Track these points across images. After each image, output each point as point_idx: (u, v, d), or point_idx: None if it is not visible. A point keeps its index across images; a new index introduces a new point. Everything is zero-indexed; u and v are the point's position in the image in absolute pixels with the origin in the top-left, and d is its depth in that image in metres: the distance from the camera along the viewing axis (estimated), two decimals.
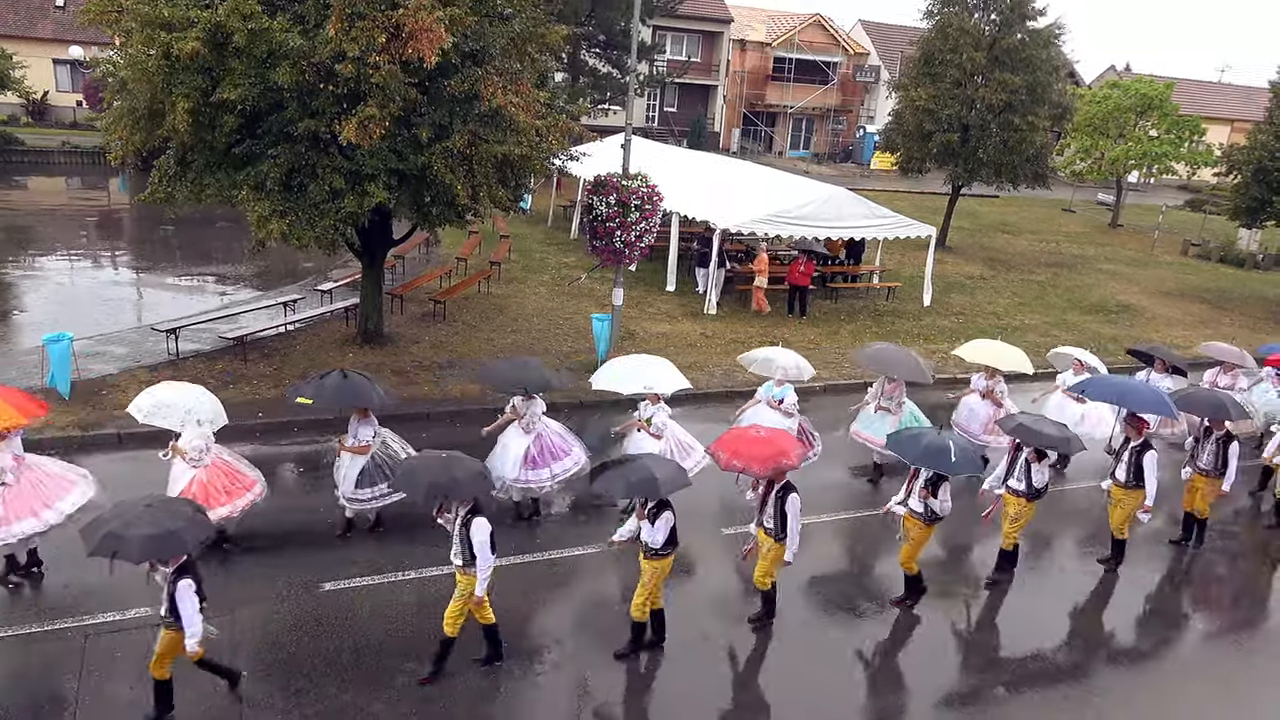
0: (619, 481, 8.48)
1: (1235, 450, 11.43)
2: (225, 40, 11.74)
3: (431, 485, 8.01)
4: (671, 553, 8.66)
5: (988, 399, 13.33)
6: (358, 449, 10.32)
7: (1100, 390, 11.86)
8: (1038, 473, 10.13)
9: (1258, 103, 43.28)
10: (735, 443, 9.27)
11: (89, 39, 35.22)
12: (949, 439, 9.58)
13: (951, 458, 9.25)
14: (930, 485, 9.47)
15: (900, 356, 13.04)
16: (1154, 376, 14.05)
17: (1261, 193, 25.71)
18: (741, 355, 13.76)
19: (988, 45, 28.26)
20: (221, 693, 7.95)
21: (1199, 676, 9.73)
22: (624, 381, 11.41)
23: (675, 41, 51.35)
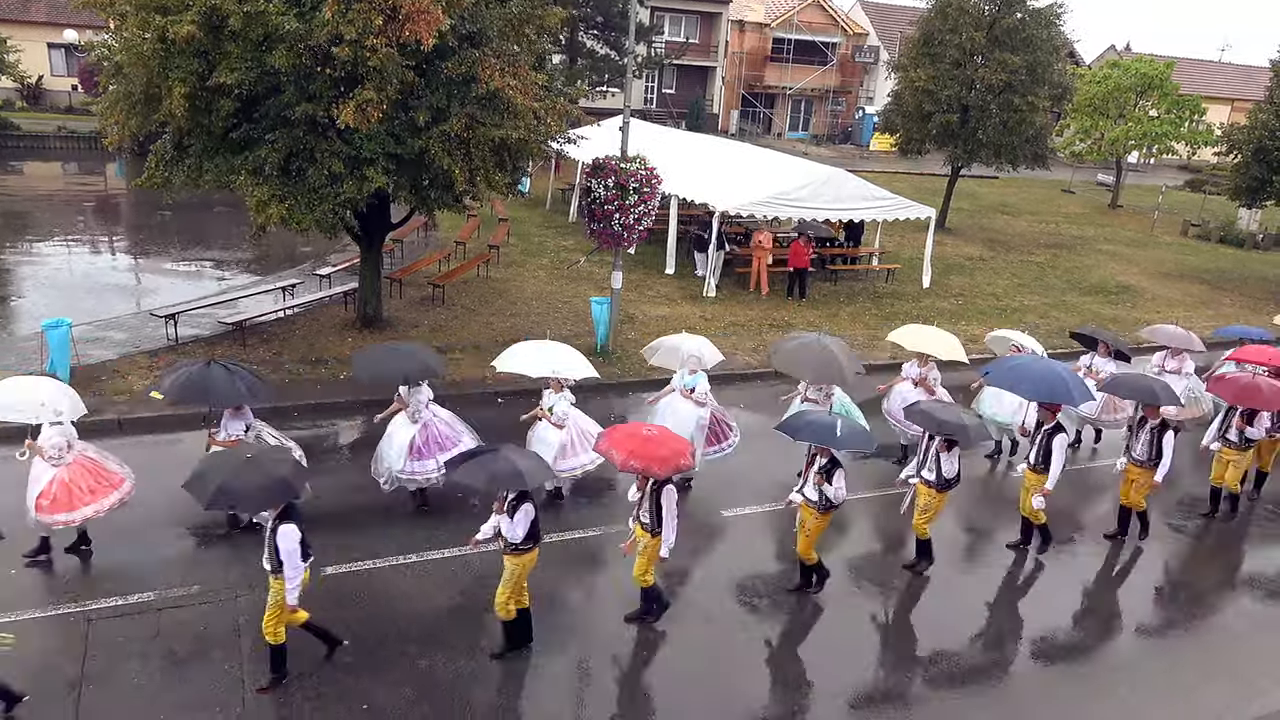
0: (479, 473, 7.98)
1: (1170, 440, 10.95)
2: (221, 23, 11.67)
3: (219, 491, 7.44)
4: (533, 547, 8.28)
5: (920, 387, 12.77)
6: (228, 443, 9.69)
7: (999, 378, 11.21)
8: (947, 462, 9.81)
9: (1258, 82, 43.15)
10: (630, 442, 8.72)
11: (84, 22, 34.93)
12: (838, 417, 9.37)
13: (837, 433, 9.04)
14: (824, 472, 9.21)
15: (815, 352, 12.08)
16: (1097, 360, 13.64)
17: (1261, 172, 25.67)
18: (645, 347, 13.00)
19: (987, 25, 28.12)
20: (225, 675, 7.99)
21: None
22: (531, 364, 10.96)
23: (673, 23, 51.04)
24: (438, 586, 9.60)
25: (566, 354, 11.15)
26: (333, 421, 13.01)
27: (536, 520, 8.23)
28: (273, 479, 7.50)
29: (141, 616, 8.64)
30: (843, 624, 9.65)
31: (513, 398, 14.37)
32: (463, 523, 10.62)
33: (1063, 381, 10.65)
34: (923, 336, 12.99)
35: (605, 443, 8.95)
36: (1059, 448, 10.37)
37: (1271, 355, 13.31)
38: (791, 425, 9.59)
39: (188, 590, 9.11)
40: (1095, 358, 13.77)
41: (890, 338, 13.67)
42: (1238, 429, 11.98)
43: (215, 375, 9.66)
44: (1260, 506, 13.18)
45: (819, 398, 12.09)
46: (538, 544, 8.36)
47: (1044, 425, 10.57)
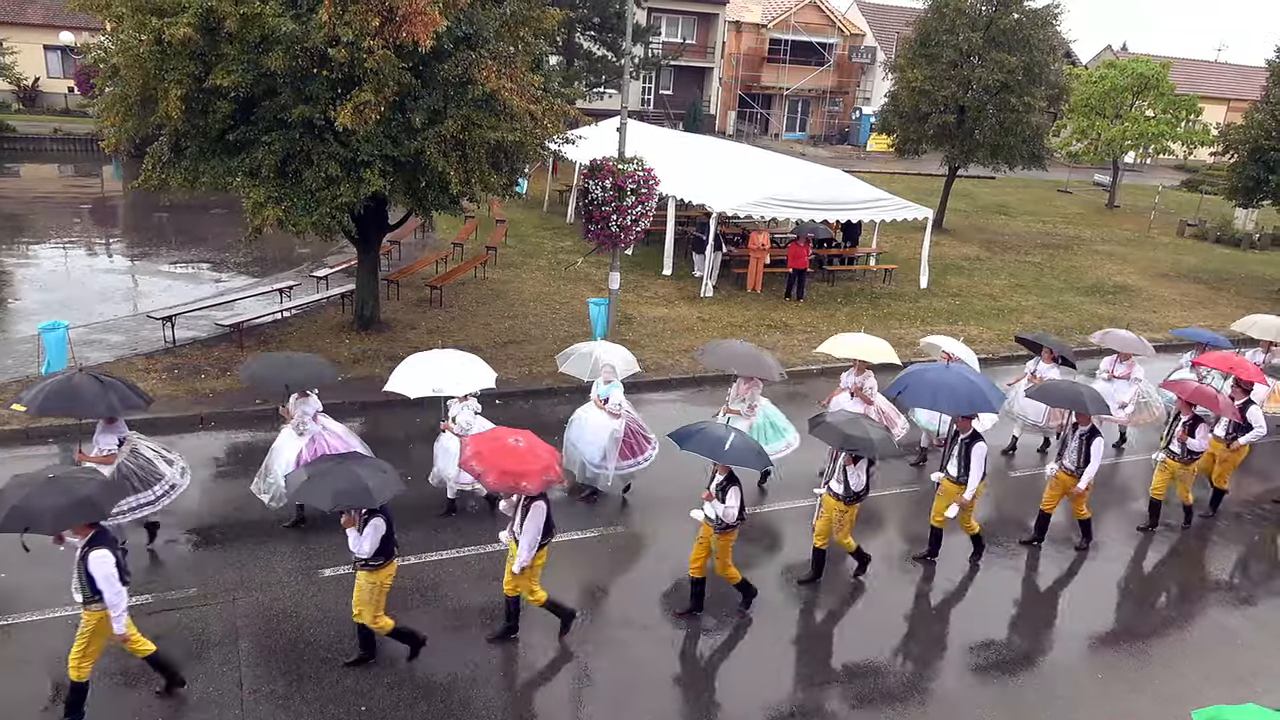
0: (323, 490, 7.47)
1: (1098, 447, 10.62)
2: (217, 25, 11.67)
3: (12, 511, 6.74)
4: (385, 563, 7.91)
5: (857, 396, 12.46)
6: (100, 459, 9.15)
7: (916, 395, 10.73)
8: (854, 475, 9.52)
9: (1254, 82, 43.18)
10: (498, 457, 8.09)
11: (80, 25, 34.97)
12: (732, 431, 8.94)
13: (725, 447, 8.65)
14: (719, 490, 8.85)
15: (743, 352, 11.95)
16: (1041, 366, 13.33)
17: (1258, 172, 25.68)
18: (559, 354, 12.43)
19: (984, 25, 28.16)
20: (222, 677, 7.97)
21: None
22: (411, 384, 10.21)
23: (670, 24, 51.09)
24: (435, 588, 9.59)
25: (456, 366, 10.46)
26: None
27: (390, 535, 7.84)
28: (74, 498, 6.87)
29: (139, 619, 8.60)
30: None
31: (511, 399, 14.38)
32: (462, 525, 10.66)
33: (979, 390, 10.41)
34: (851, 344, 12.59)
35: (471, 457, 8.15)
36: (978, 457, 10.06)
37: (1235, 363, 12.86)
38: (681, 434, 9.12)
39: (185, 593, 9.11)
40: (1039, 363, 13.48)
41: (820, 349, 13.17)
42: (1179, 440, 11.47)
43: (83, 385, 8.96)
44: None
45: (742, 408, 11.72)
46: (390, 560, 7.96)
47: (961, 435, 10.21)
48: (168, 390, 13.46)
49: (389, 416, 13.25)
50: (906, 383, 10.86)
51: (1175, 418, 11.70)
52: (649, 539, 10.98)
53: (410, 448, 12.16)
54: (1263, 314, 16.17)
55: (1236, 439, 12.15)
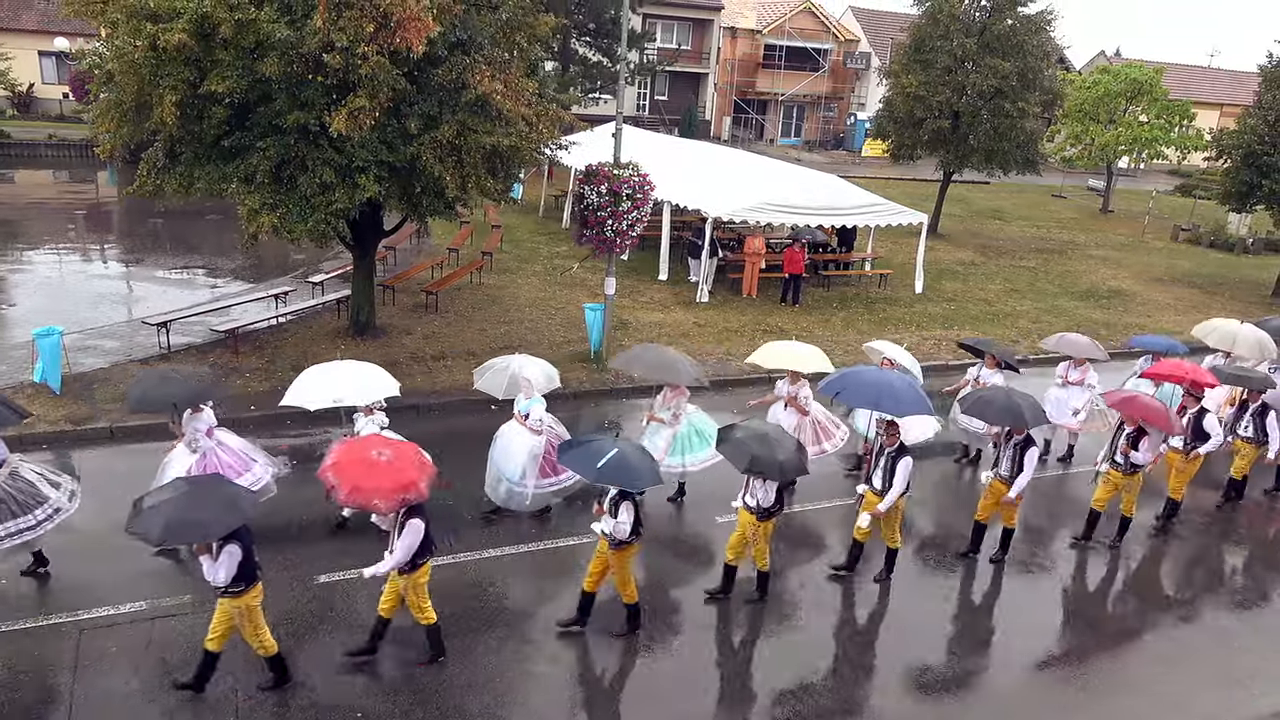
0: (155, 521, 6.98)
1: (1032, 456, 10.37)
2: (212, 31, 11.66)
3: None
4: (247, 589, 7.49)
5: (791, 406, 12.07)
6: None
7: (856, 396, 10.40)
8: (762, 492, 9.27)
9: (1247, 87, 43.42)
10: (354, 471, 7.63)
11: (74, 30, 34.94)
12: (616, 448, 8.44)
13: (598, 464, 8.24)
14: (612, 505, 8.53)
15: (658, 358, 11.55)
16: (985, 372, 13.00)
17: (1251, 177, 25.77)
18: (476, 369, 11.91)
19: (978, 31, 28.27)
20: (217, 684, 7.94)
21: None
22: (311, 396, 9.79)
23: (665, 29, 51.18)
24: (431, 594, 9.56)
25: (358, 376, 10.15)
26: (325, 429, 12.95)
27: (248, 560, 7.41)
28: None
29: (133, 626, 8.60)
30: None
31: (506, 404, 14.34)
32: (459, 530, 10.63)
33: (919, 393, 10.22)
34: (781, 353, 12.21)
35: (329, 466, 7.71)
36: (903, 471, 9.77)
37: (1187, 371, 12.53)
38: (563, 445, 8.99)
39: (179, 600, 9.07)
40: (982, 369, 13.16)
41: (750, 360, 12.74)
42: (1122, 453, 11.10)
43: None
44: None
45: (666, 416, 11.41)
46: (254, 583, 7.56)
47: (888, 449, 9.90)
48: None
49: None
50: (844, 384, 10.53)
51: (1119, 428, 11.35)
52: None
53: None
54: (1221, 319, 15.64)
55: (1195, 448, 11.85)
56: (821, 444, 12.09)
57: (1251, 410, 12.79)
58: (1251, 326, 14.78)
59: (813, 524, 11.78)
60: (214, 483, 7.80)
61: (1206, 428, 11.80)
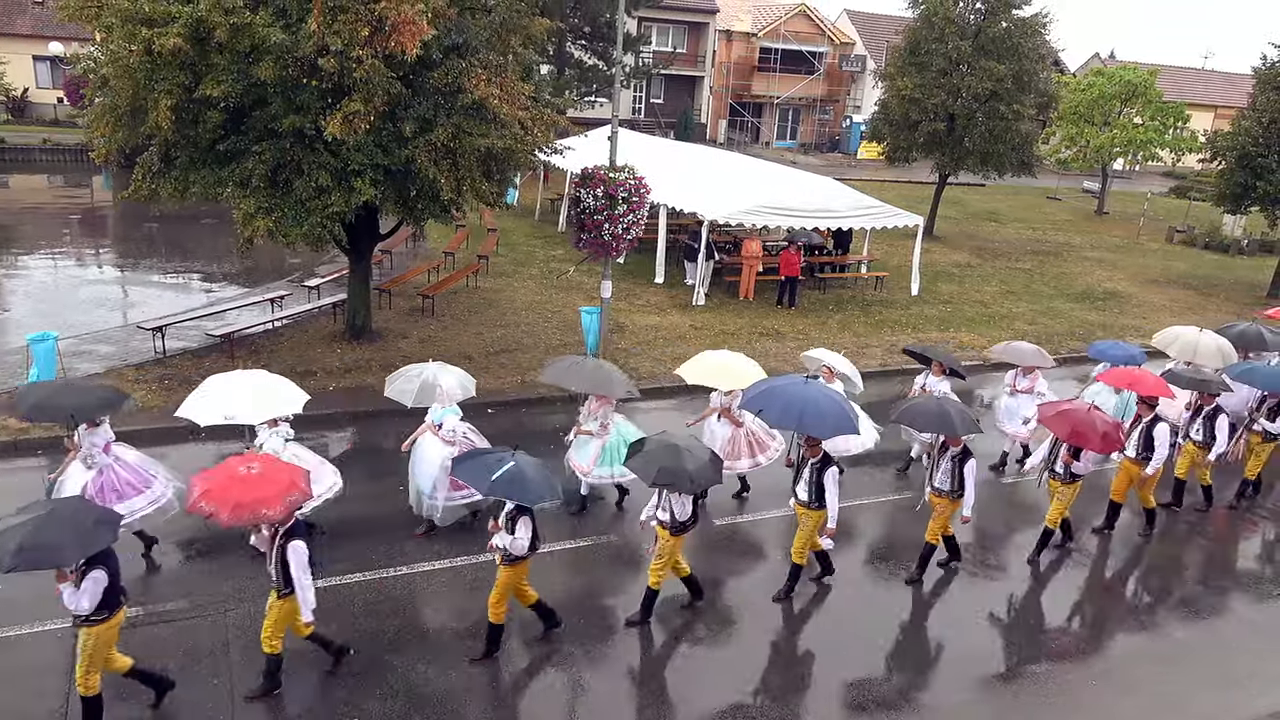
0: (6, 546, 6.34)
1: (972, 469, 9.99)
2: (207, 35, 11.64)
3: None
4: (108, 617, 7.03)
5: (725, 418, 11.71)
6: None
7: (780, 415, 9.74)
8: (678, 505, 8.94)
9: (1241, 89, 43.57)
10: (228, 491, 7.22)
11: (69, 35, 34.86)
12: (510, 459, 8.16)
13: (491, 478, 7.98)
14: (509, 520, 8.20)
15: (587, 370, 11.22)
16: (931, 380, 12.73)
17: (1245, 178, 25.83)
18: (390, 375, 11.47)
19: (973, 34, 28.35)
20: (213, 689, 7.91)
21: None
22: (202, 410, 9.41)
23: (661, 33, 51.25)
24: (429, 598, 9.55)
25: (258, 390, 9.66)
26: (321, 433, 12.93)
27: (112, 586, 6.96)
28: None
29: (129, 631, 8.54)
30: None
31: (502, 408, 14.35)
32: (455, 535, 10.61)
33: (843, 411, 9.71)
34: (710, 367, 11.68)
35: (200, 497, 7.22)
36: (832, 482, 9.42)
37: (1136, 378, 12.03)
38: (455, 461, 8.69)
39: (176, 604, 9.05)
40: (929, 376, 12.89)
41: (677, 372, 12.15)
42: (1063, 462, 10.74)
43: None
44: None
45: (594, 427, 11.08)
46: (117, 610, 7.14)
47: (811, 460, 9.52)
48: (158, 401, 13.37)
49: (379, 426, 13.19)
50: (766, 401, 9.83)
51: (1056, 439, 10.86)
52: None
53: (404, 457, 12.08)
54: (1181, 327, 15.09)
55: (1148, 459, 11.48)
56: (756, 456, 11.75)
57: (1204, 413, 12.51)
58: (1211, 334, 14.38)
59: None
60: (76, 505, 7.25)
61: (1155, 437, 11.39)
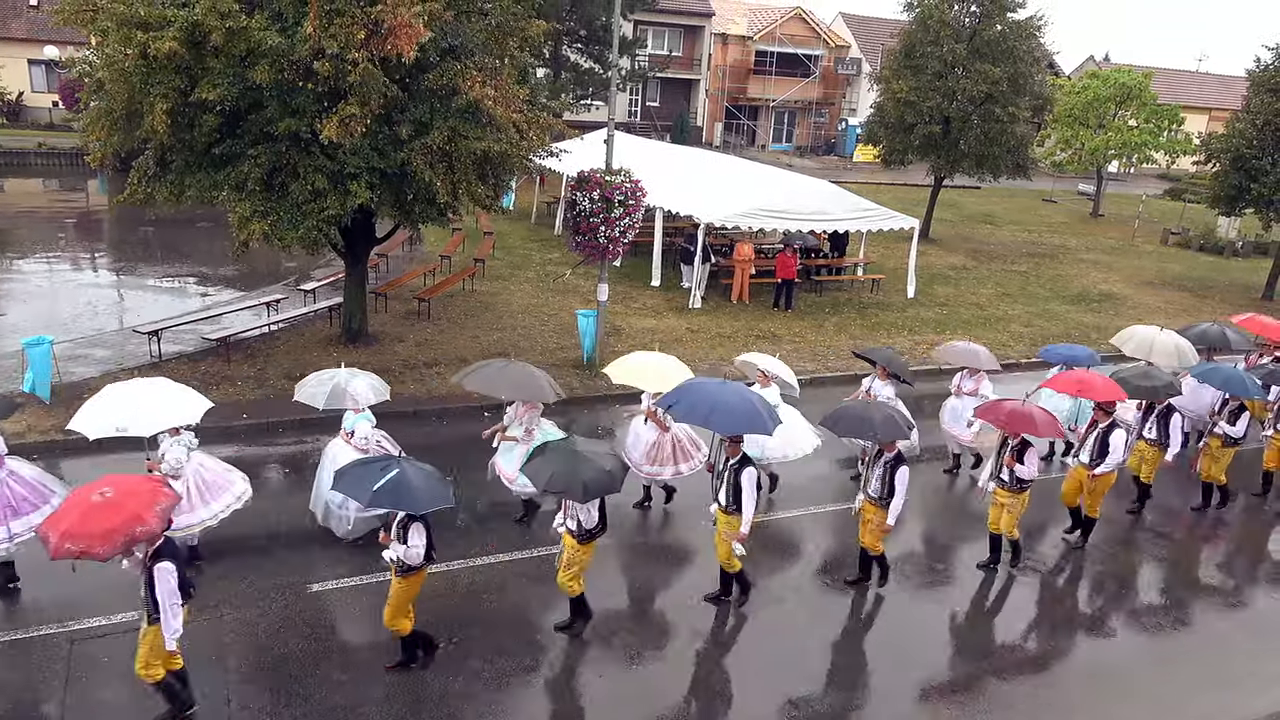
0: None
1: (903, 476, 9.63)
2: (203, 39, 11.64)
3: None
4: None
5: (652, 421, 11.34)
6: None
7: (690, 412, 9.48)
8: (582, 512, 8.67)
9: (1235, 91, 43.63)
10: (91, 522, 6.64)
11: (64, 39, 34.81)
12: (396, 467, 7.79)
13: (373, 488, 7.61)
14: (400, 530, 7.95)
15: (518, 375, 10.70)
16: (876, 384, 12.50)
17: (1240, 180, 25.88)
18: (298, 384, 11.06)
19: (968, 37, 28.40)
20: (209, 694, 7.90)
21: None
22: (93, 422, 9.09)
23: (657, 36, 51.30)
24: (426, 602, 9.52)
25: (156, 399, 9.30)
26: (318, 437, 12.92)
27: None
28: None
29: (125, 636, 8.54)
30: None
31: (499, 411, 14.31)
32: (451, 539, 10.59)
33: (756, 411, 9.37)
34: (638, 369, 11.36)
35: (62, 539, 6.60)
36: (749, 483, 9.19)
37: (1086, 383, 11.58)
38: (336, 475, 8.25)
39: None
40: (874, 380, 12.64)
41: (605, 370, 11.93)
42: (1007, 467, 10.38)
43: None
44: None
45: (519, 433, 10.72)
46: None
47: (730, 460, 9.32)
48: None
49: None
50: (679, 396, 9.65)
51: (1003, 443, 10.56)
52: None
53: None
54: (1140, 326, 14.89)
55: (1099, 464, 11.10)
56: (678, 465, 11.37)
57: (1157, 412, 12.31)
58: (1170, 333, 14.21)
59: (807, 531, 11.78)
60: None
61: (1111, 444, 11.01)
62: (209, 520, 9.43)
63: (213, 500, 9.48)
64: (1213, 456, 12.90)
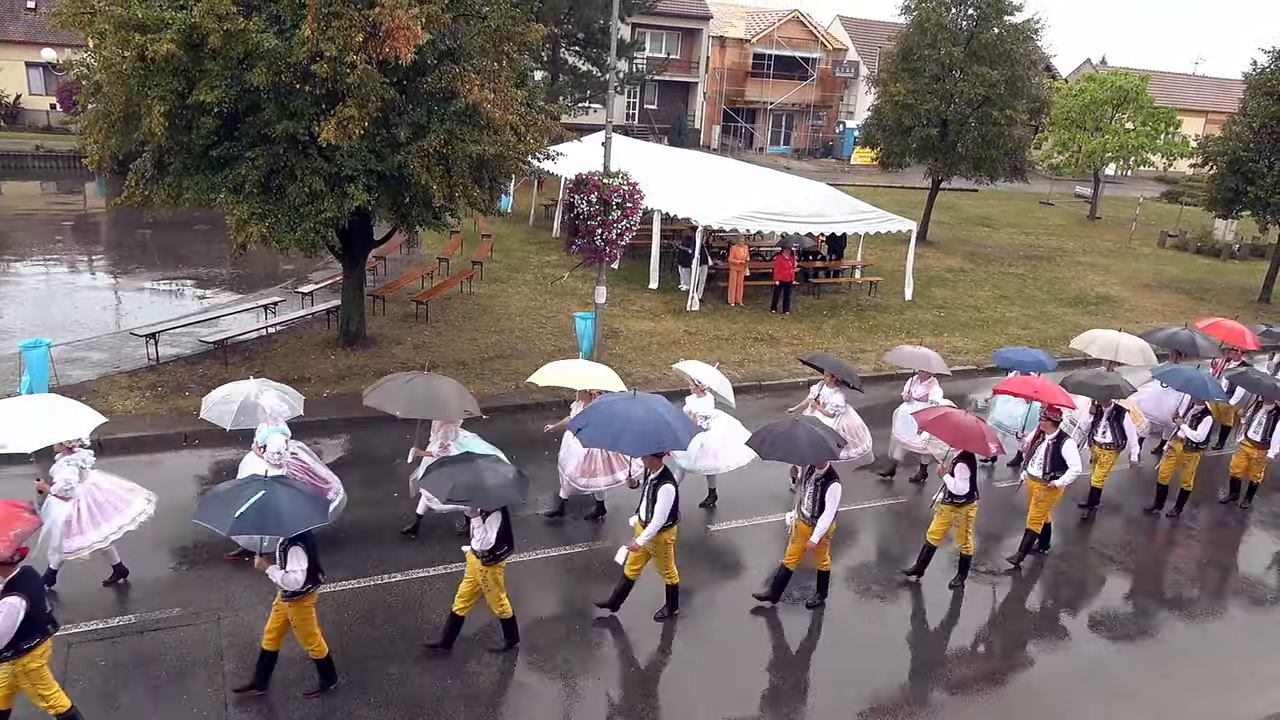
0: None
1: (834, 493, 9.27)
2: (200, 42, 11.63)
3: None
4: None
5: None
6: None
7: (596, 434, 9.09)
8: (479, 530, 8.22)
9: (1232, 94, 43.78)
10: None
11: (62, 41, 34.83)
12: (265, 488, 7.33)
13: (235, 514, 7.07)
14: (281, 553, 7.56)
15: (424, 392, 10.03)
16: (825, 391, 12.23)
17: (1236, 183, 25.92)
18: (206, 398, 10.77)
19: (965, 40, 28.46)
20: (207, 698, 7.88)
21: None
22: None
23: (655, 39, 51.35)
24: (424, 605, 9.52)
25: (40, 416, 8.88)
26: (315, 440, 12.90)
27: None
28: None
29: (122, 640, 8.53)
30: None
31: (498, 414, 14.32)
32: (448, 543, 10.59)
33: (668, 427, 8.97)
34: (558, 374, 11.12)
35: None
36: (664, 499, 8.85)
37: (1039, 388, 11.23)
38: (205, 499, 7.85)
39: (169, 613, 9.01)
40: (822, 387, 12.32)
41: (530, 380, 11.51)
42: (939, 474, 10.09)
43: None
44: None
45: (435, 449, 10.18)
46: None
47: (650, 474, 9.01)
48: (151, 408, 13.35)
49: (375, 434, 13.16)
50: (588, 419, 9.26)
51: (948, 454, 10.24)
52: None
53: (396, 463, 12.08)
54: (1101, 329, 14.64)
55: (1055, 477, 10.71)
56: (615, 474, 10.96)
57: (1107, 414, 12.08)
58: (1132, 336, 14.04)
59: None
60: None
61: (1065, 455, 10.65)
62: (99, 543, 9.00)
63: (104, 522, 9.04)
64: (1179, 462, 12.69)
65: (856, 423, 12.51)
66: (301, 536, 7.44)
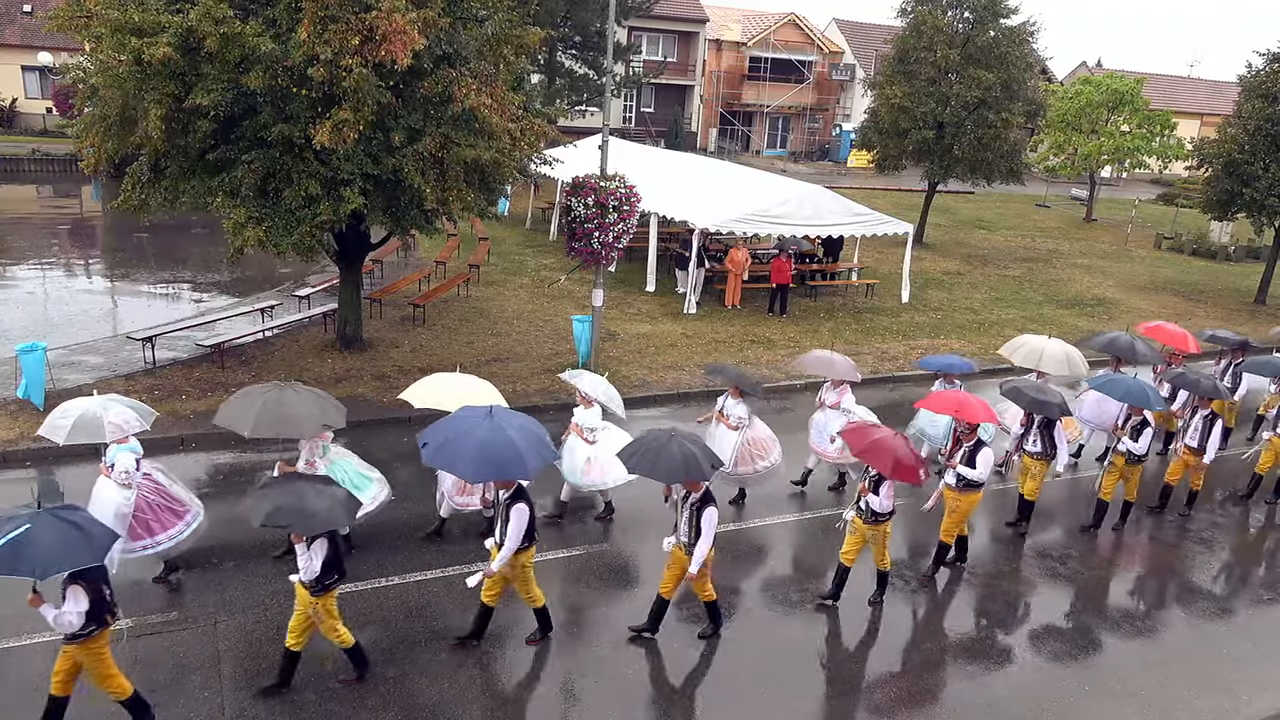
0: None
1: (710, 518, 8.57)
2: (197, 45, 11.64)
3: None
4: None
5: None
6: None
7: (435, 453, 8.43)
8: (304, 559, 7.62)
9: (1227, 96, 43.90)
10: None
11: (58, 45, 34.83)
12: (31, 521, 6.55)
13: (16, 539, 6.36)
14: (62, 590, 6.88)
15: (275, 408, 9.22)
16: (729, 403, 11.80)
17: (1232, 185, 26.00)
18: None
19: (961, 43, 28.53)
20: (204, 702, 7.87)
21: None
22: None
23: (651, 42, 51.39)
24: (422, 609, 9.52)
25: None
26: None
27: None
28: None
29: (120, 643, 8.49)
30: None
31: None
32: (446, 547, 10.59)
33: (515, 451, 8.23)
34: (439, 389, 10.30)
35: None
36: (516, 518, 8.27)
37: (962, 404, 10.75)
38: None
39: (166, 616, 9.00)
40: (727, 399, 11.89)
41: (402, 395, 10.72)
42: (860, 493, 9.64)
43: None
44: None
45: (300, 466, 9.63)
46: None
47: (503, 495, 8.49)
48: None
49: (373, 437, 13.16)
50: (429, 438, 8.50)
51: (864, 471, 9.71)
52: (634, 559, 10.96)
53: (395, 468, 12.08)
54: (1030, 335, 14.24)
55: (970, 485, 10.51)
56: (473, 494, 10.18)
57: (1038, 423, 11.65)
58: (1059, 342, 13.52)
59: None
60: None
61: (978, 463, 10.36)
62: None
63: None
64: (1121, 475, 12.28)
65: (764, 434, 11.96)
66: (82, 574, 6.73)
